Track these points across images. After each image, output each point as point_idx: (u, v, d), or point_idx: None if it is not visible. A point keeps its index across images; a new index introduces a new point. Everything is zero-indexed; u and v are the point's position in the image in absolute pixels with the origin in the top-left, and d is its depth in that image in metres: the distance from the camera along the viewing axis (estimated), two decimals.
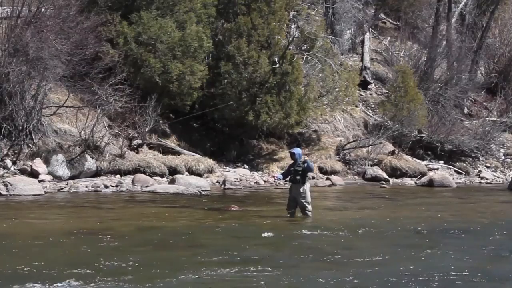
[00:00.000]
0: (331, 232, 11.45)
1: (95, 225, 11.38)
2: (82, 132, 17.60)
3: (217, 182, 18.93)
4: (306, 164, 12.66)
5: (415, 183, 22.50)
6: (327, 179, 21.01)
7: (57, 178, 16.75)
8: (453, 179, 23.26)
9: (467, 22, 34.14)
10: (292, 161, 13.02)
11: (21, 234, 10.19)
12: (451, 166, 25.38)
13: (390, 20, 35.62)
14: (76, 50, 17.87)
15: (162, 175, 18.35)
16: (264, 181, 19.80)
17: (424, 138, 25.75)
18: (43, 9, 17.97)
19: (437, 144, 25.67)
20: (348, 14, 30.06)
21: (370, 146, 23.49)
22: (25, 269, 7.90)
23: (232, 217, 12.76)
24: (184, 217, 12.67)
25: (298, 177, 12.68)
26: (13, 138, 17.08)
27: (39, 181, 16.12)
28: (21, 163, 16.82)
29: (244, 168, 21.01)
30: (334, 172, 22.02)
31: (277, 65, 20.67)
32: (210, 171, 19.57)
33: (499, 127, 28.53)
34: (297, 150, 13.10)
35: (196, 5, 20.24)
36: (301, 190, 12.67)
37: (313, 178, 20.45)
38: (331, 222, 12.65)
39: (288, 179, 13.15)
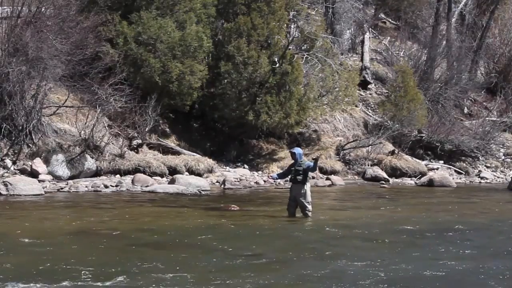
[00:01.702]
0: (331, 232, 11.45)
1: (95, 225, 11.37)
2: (82, 132, 17.60)
3: (217, 182, 18.93)
4: (306, 165, 12.67)
5: (415, 183, 22.50)
6: (327, 179, 21.02)
7: (57, 178, 16.75)
8: (453, 179, 23.27)
9: (467, 22, 34.18)
10: (293, 161, 13.01)
11: (21, 234, 10.18)
12: (451, 166, 25.39)
13: (390, 20, 35.66)
14: (76, 50, 17.87)
15: (162, 175, 18.34)
16: (264, 181, 19.81)
17: (424, 138, 25.76)
18: (43, 9, 17.97)
19: (437, 144, 25.69)
20: (348, 14, 30.09)
21: (370, 146, 23.49)
22: (24, 269, 7.90)
23: (232, 217, 12.75)
24: (184, 217, 12.66)
25: (298, 177, 12.68)
26: (13, 138, 17.08)
27: (39, 181, 16.12)
28: (21, 163, 16.82)
29: (244, 168, 21.01)
30: (334, 172, 22.02)
31: (277, 65, 20.67)
32: (210, 171, 19.57)
33: (499, 127, 28.56)
34: (297, 150, 13.08)
35: (196, 5, 20.24)
36: (302, 190, 12.66)
37: (313, 178, 20.45)
38: (330, 222, 12.65)
39: (288, 179, 13.16)
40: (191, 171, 18.98)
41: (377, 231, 11.64)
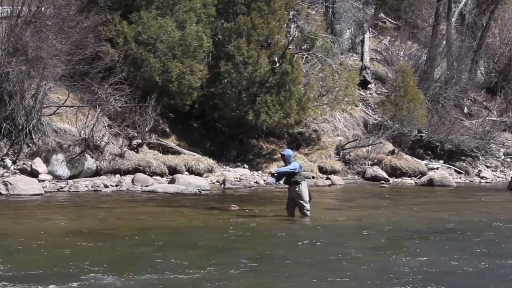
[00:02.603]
0: (330, 231, 11.45)
1: (95, 224, 11.38)
2: (82, 132, 17.60)
3: (217, 181, 18.93)
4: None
5: (415, 182, 22.50)
6: (327, 178, 21.01)
7: (57, 178, 16.75)
8: (453, 178, 23.25)
9: (467, 21, 34.15)
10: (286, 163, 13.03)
11: (20, 234, 10.18)
12: (451, 166, 25.38)
13: (390, 20, 35.65)
14: (75, 49, 17.86)
15: (162, 175, 18.34)
16: (264, 181, 19.76)
17: (424, 137, 25.75)
18: (43, 9, 17.97)
19: (437, 143, 25.67)
20: (348, 13, 30.08)
21: (370, 146, 23.48)
22: (24, 269, 7.90)
23: (232, 216, 12.76)
24: (183, 217, 12.67)
25: (292, 179, 12.72)
26: (13, 138, 17.08)
27: (39, 180, 16.12)
28: (21, 163, 16.82)
29: (244, 167, 21.01)
30: (334, 172, 22.02)
31: (277, 64, 20.67)
32: (210, 170, 19.57)
33: (499, 126, 28.53)
34: (287, 152, 13.12)
35: (196, 5, 20.23)
36: (297, 190, 12.68)
37: (313, 177, 20.47)
38: (330, 222, 12.65)
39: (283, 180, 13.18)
40: (191, 171, 18.97)
41: (375, 231, 11.63)
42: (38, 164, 16.75)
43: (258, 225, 11.84)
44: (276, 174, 13.00)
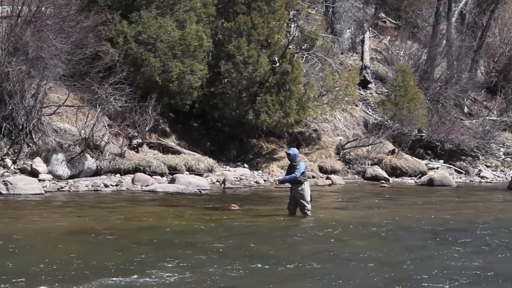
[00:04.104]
0: (330, 231, 11.45)
1: (95, 224, 11.37)
2: (82, 131, 17.60)
3: (217, 181, 18.92)
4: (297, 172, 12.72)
5: (415, 182, 22.50)
6: (327, 178, 21.01)
7: (57, 177, 16.75)
8: (453, 178, 23.26)
9: (467, 21, 34.16)
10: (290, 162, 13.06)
11: (20, 234, 10.18)
12: (451, 165, 25.39)
13: (390, 19, 35.66)
14: (76, 49, 17.87)
15: (162, 174, 18.35)
16: (264, 180, 19.80)
17: (424, 137, 25.76)
18: (43, 8, 17.97)
19: (437, 143, 25.69)
20: (348, 13, 30.10)
21: (370, 145, 23.48)
22: (24, 269, 7.90)
23: (232, 216, 12.76)
24: (184, 217, 12.67)
25: None
26: (13, 137, 17.07)
27: (39, 180, 16.11)
28: (21, 162, 16.82)
29: (244, 167, 21.01)
30: (334, 171, 22.02)
31: (277, 64, 20.68)
32: (210, 170, 19.57)
33: (499, 126, 28.55)
34: (293, 151, 13.11)
35: (196, 4, 20.24)
36: (299, 189, 12.70)
37: (313, 177, 20.46)
38: (330, 221, 12.65)
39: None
40: (191, 171, 18.97)
41: (376, 231, 11.63)
42: (38, 163, 16.75)
43: (259, 225, 11.85)
44: (285, 182, 13.06)
